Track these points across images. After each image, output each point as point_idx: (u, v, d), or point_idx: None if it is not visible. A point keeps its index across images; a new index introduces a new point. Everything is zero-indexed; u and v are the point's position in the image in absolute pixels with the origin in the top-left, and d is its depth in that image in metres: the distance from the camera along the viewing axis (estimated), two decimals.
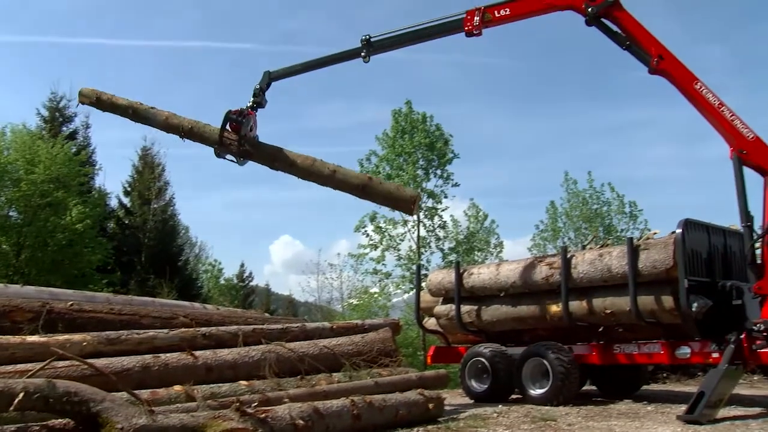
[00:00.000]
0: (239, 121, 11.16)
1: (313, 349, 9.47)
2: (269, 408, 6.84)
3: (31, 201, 22.80)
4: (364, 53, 11.14)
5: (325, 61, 11.77)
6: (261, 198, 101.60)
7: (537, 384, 10.53)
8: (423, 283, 14.11)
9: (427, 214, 27.75)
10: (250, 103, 11.49)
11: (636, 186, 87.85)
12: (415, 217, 27.36)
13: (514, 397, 11.01)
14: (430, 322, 13.34)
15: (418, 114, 27.81)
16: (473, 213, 30.42)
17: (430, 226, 27.96)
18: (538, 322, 11.19)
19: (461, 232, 29.28)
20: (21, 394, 5.22)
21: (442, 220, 28.27)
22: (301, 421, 6.76)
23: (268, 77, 11.66)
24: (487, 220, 30.48)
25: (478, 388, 11.33)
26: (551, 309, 10.81)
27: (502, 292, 11.51)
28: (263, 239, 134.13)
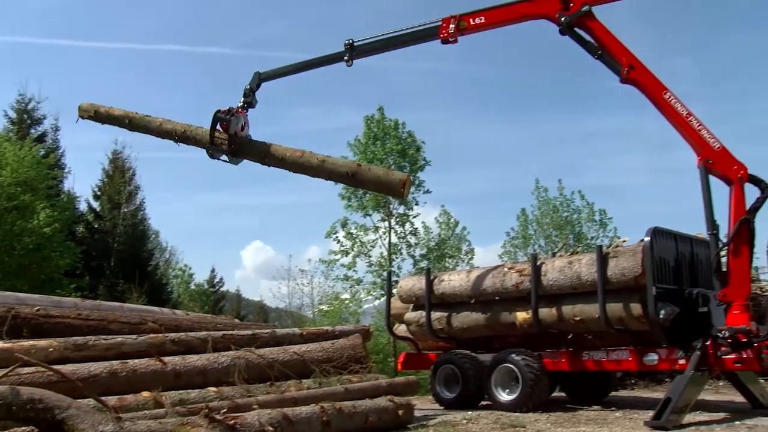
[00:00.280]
0: (228, 120, 11.28)
1: (283, 356, 9.44)
2: (238, 414, 6.79)
3: None
4: (347, 57, 11.27)
5: (311, 63, 11.91)
6: (232, 203, 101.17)
7: (506, 390, 10.58)
8: (394, 290, 14.12)
9: (398, 220, 27.77)
10: (241, 103, 11.63)
11: (606, 194, 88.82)
12: (386, 223, 27.45)
13: (483, 403, 11.05)
14: (401, 329, 13.35)
15: (391, 121, 27.83)
16: (444, 220, 30.48)
17: (401, 233, 27.96)
18: (507, 329, 11.23)
19: (432, 238, 29.28)
20: None
21: (413, 226, 28.30)
22: (271, 428, 6.72)
23: (258, 77, 11.81)
24: (459, 227, 30.55)
25: (448, 395, 11.36)
26: (521, 316, 10.87)
27: (473, 299, 11.55)
28: (235, 244, 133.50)
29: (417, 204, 28.02)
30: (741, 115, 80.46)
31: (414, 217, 28.23)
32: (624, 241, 11.38)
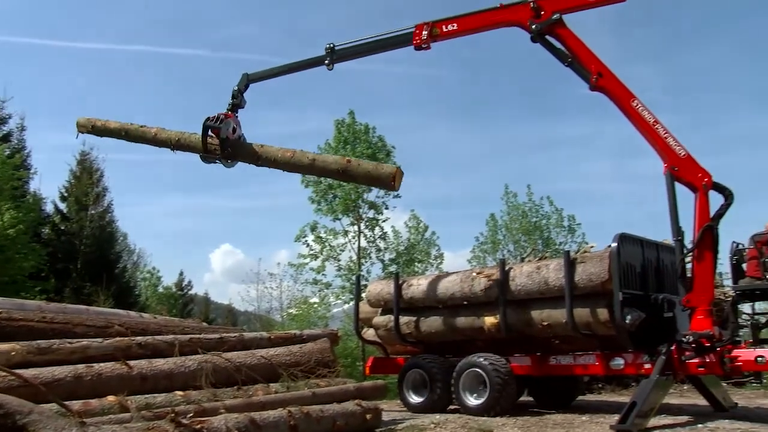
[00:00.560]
0: (218, 126, 11.34)
1: (251, 359, 9.40)
2: (205, 419, 6.75)
3: None
4: (327, 61, 11.41)
5: (296, 66, 12.08)
6: (202, 206, 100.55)
7: (474, 395, 10.61)
8: (362, 294, 14.10)
9: (367, 224, 27.74)
10: (229, 106, 11.79)
11: (575, 200, 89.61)
12: (356, 227, 27.41)
13: (452, 407, 11.06)
14: (369, 333, 13.33)
15: (361, 125, 27.82)
16: (414, 224, 30.47)
17: (370, 237, 27.91)
18: (476, 334, 11.27)
19: (402, 243, 29.27)
20: None
21: (382, 231, 28.28)
22: None
23: (246, 79, 11.97)
24: (428, 232, 30.56)
25: (416, 399, 11.37)
26: (489, 321, 10.90)
27: (441, 304, 11.58)
28: (203, 247, 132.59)
29: (387, 208, 28.04)
30: (704, 124, 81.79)
31: (383, 221, 28.22)
32: (592, 246, 11.49)
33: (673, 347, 9.09)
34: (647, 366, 9.35)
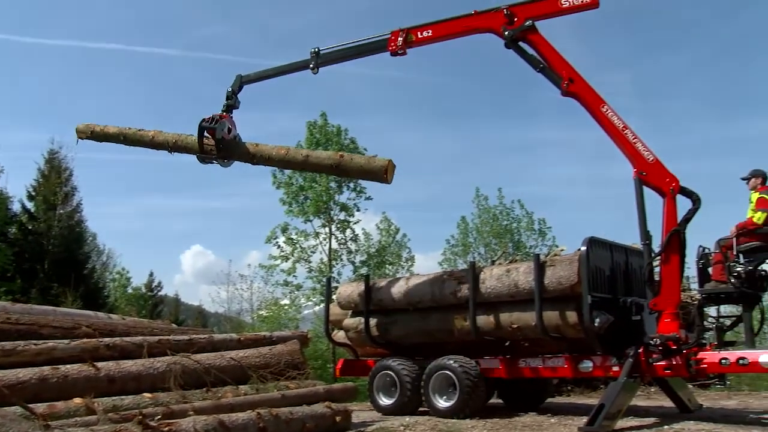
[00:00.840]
0: (213, 127, 11.49)
1: (220, 361, 9.34)
2: (173, 421, 6.70)
3: None
4: (312, 65, 11.53)
5: (285, 69, 12.14)
6: (173, 206, 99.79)
7: (444, 397, 10.63)
8: (333, 296, 14.07)
9: (339, 226, 27.70)
10: (224, 107, 11.94)
11: (545, 203, 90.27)
12: (327, 229, 27.36)
13: (421, 410, 11.07)
14: (339, 335, 13.30)
15: (333, 127, 27.76)
16: (385, 226, 30.51)
17: (341, 239, 27.87)
18: (446, 336, 11.29)
19: (373, 245, 29.28)
20: None
21: (354, 233, 28.25)
22: None
23: (240, 80, 12.11)
24: (399, 234, 30.65)
25: (386, 401, 11.37)
26: (459, 323, 10.93)
27: (411, 306, 11.59)
28: (174, 248, 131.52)
29: (358, 210, 28.03)
30: (671, 130, 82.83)
31: (355, 223, 28.20)
32: (561, 250, 11.54)
33: (640, 350, 9.18)
34: (615, 368, 9.44)
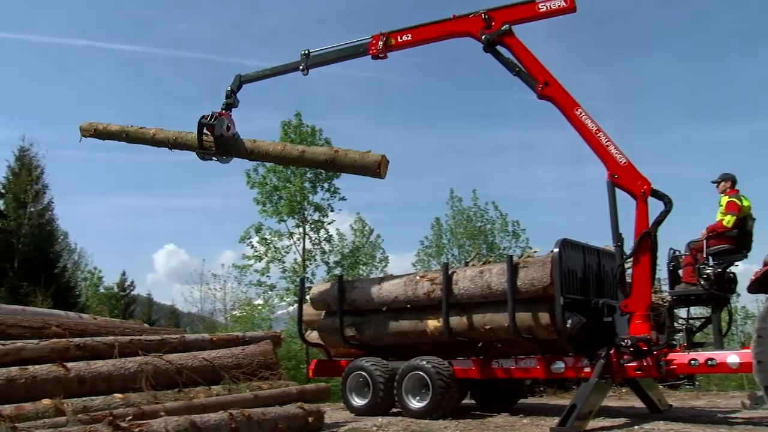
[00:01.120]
0: (212, 124, 11.73)
1: (192, 361, 9.27)
2: (144, 422, 6.64)
3: None
4: (302, 66, 11.74)
5: (281, 70, 12.34)
6: (146, 205, 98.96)
7: (417, 398, 10.63)
8: (306, 296, 14.04)
9: (313, 227, 27.69)
10: (223, 105, 12.19)
11: (519, 205, 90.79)
12: (301, 229, 27.33)
13: (394, 410, 11.06)
14: (313, 335, 13.27)
15: (308, 127, 27.76)
16: (359, 227, 30.60)
17: (315, 239, 27.90)
18: (419, 337, 11.30)
19: (347, 245, 29.33)
20: None
21: (328, 233, 28.26)
22: None
23: (239, 80, 12.35)
24: (373, 235, 30.73)
25: (359, 402, 11.34)
26: (432, 324, 10.94)
27: (385, 307, 11.59)
28: (147, 247, 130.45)
29: (332, 210, 28.04)
30: (644, 133, 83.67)
31: (329, 223, 28.25)
32: (535, 251, 11.61)
33: (612, 351, 9.25)
34: (587, 369, 9.49)
